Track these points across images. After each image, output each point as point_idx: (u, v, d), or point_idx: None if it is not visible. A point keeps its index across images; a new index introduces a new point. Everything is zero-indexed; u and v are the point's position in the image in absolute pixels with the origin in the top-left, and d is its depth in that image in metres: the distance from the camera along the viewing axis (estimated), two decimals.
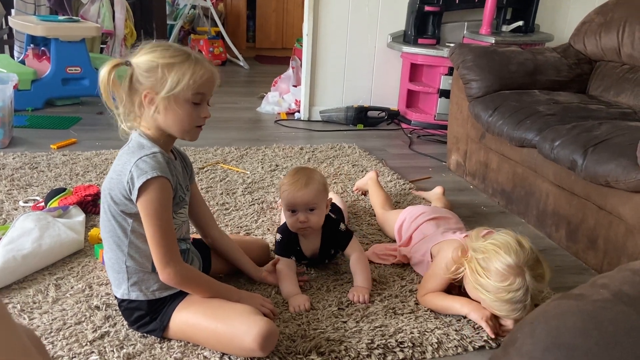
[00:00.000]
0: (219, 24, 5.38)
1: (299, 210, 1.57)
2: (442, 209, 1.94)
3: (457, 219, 1.87)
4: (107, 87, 1.24)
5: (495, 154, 2.33)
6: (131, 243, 1.29)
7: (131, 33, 4.23)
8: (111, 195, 1.27)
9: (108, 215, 1.30)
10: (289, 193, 1.57)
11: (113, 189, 1.27)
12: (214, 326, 1.28)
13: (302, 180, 1.57)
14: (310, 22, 3.31)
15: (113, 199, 1.27)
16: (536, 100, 2.28)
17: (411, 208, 1.90)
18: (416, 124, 3.40)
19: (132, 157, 1.25)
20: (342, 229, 1.66)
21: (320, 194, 1.58)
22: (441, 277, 1.50)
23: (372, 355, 1.32)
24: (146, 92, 1.25)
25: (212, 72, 1.29)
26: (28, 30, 3.41)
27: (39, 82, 3.31)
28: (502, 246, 1.36)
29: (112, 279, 1.35)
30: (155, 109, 1.26)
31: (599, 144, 1.78)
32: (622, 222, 1.71)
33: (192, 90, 1.25)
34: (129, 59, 1.26)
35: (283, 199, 1.60)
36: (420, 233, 1.74)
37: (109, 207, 1.29)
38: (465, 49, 2.54)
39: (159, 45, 1.27)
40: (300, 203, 1.56)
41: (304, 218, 1.57)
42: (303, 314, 1.47)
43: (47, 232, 1.65)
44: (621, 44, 2.44)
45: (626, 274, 0.69)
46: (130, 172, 1.23)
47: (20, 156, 2.48)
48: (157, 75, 1.23)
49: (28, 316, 1.40)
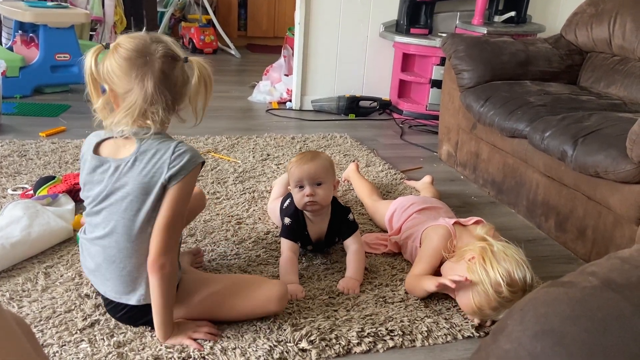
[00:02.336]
0: (210, 11, 5.33)
1: (306, 184, 1.59)
2: (432, 199, 1.96)
3: (446, 208, 1.88)
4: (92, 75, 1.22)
5: (486, 144, 2.34)
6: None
7: (121, 20, 4.18)
8: (149, 194, 1.20)
9: (142, 218, 1.22)
10: (295, 167, 1.61)
11: (150, 185, 1.20)
12: (233, 301, 1.34)
13: (308, 156, 1.63)
14: (303, 10, 3.29)
15: (153, 196, 1.20)
16: (527, 90, 2.28)
17: (402, 199, 1.91)
18: (408, 114, 3.40)
19: (166, 145, 1.22)
20: (350, 218, 1.68)
21: (326, 169, 1.62)
22: (427, 261, 1.55)
23: (363, 344, 1.33)
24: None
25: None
26: (16, 16, 3.36)
27: (27, 69, 3.26)
28: (523, 262, 1.40)
29: (122, 288, 1.27)
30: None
31: (588, 134, 1.79)
32: (610, 212, 1.72)
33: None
34: (109, 42, 1.25)
35: (291, 176, 1.63)
36: (411, 223, 1.75)
37: (144, 208, 1.21)
38: (457, 39, 2.54)
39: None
40: (307, 176, 1.58)
41: (311, 191, 1.58)
42: (294, 302, 1.47)
43: (36, 220, 1.64)
44: (612, 35, 2.44)
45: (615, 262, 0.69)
46: (173, 156, 1.19)
47: (9, 144, 2.45)
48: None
49: (17, 304, 1.39)
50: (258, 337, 1.33)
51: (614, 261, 0.70)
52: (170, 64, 1.20)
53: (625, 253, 0.72)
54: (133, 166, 1.21)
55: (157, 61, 1.18)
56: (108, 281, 1.28)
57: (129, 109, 1.19)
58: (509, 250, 1.41)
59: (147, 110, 1.20)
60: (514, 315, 0.67)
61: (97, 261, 1.28)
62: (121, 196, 1.22)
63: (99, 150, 1.26)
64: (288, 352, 1.29)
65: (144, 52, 1.19)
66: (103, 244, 1.26)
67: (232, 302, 1.35)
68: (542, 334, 0.60)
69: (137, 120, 1.20)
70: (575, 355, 0.57)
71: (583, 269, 0.71)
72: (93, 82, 1.22)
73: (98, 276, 1.30)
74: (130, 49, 1.18)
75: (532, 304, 0.66)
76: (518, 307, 0.68)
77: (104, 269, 1.27)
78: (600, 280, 0.66)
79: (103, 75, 1.20)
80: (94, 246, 1.28)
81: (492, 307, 1.37)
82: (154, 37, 1.22)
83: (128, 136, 1.22)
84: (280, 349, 1.29)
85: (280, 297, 1.36)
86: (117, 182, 1.22)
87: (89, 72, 1.21)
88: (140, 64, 1.18)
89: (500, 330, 0.67)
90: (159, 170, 1.20)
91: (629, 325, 0.59)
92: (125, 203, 1.22)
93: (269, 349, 1.29)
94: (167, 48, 1.21)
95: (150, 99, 1.18)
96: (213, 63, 1.36)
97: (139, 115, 1.20)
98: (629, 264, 0.69)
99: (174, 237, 1.24)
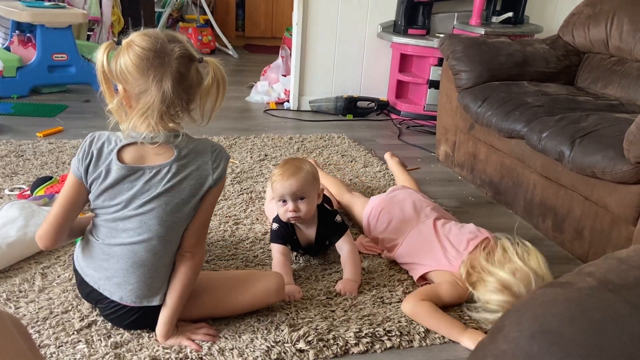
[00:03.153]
0: (207, 12, 5.33)
1: (289, 200, 1.57)
2: (399, 195, 1.87)
3: (414, 201, 1.82)
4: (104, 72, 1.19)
5: (484, 144, 2.34)
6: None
7: (118, 20, 4.18)
8: (196, 196, 1.24)
9: (184, 220, 1.25)
10: (277, 182, 1.58)
11: (197, 188, 1.23)
12: (233, 297, 1.37)
13: (290, 170, 1.57)
14: (300, 11, 3.29)
15: (198, 198, 1.24)
16: (525, 91, 2.29)
17: (372, 202, 1.87)
18: (405, 115, 3.40)
19: (203, 146, 1.26)
20: (337, 220, 1.66)
21: (309, 183, 1.58)
22: (448, 298, 1.50)
23: (360, 344, 1.33)
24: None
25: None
26: (13, 16, 3.35)
27: (24, 69, 3.26)
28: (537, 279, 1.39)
29: (146, 291, 1.25)
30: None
31: (586, 135, 1.79)
32: (607, 212, 1.72)
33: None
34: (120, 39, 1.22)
35: (273, 190, 1.60)
36: (389, 234, 1.74)
37: (187, 211, 1.24)
38: (455, 40, 2.54)
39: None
40: (289, 192, 1.56)
41: (294, 207, 1.57)
42: (292, 302, 1.47)
43: (33, 220, 1.63)
44: (609, 36, 2.45)
45: (612, 262, 0.69)
46: (214, 157, 1.25)
47: (6, 144, 2.45)
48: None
49: (14, 305, 1.39)
50: (255, 337, 1.32)
51: (611, 262, 0.70)
52: (186, 65, 1.19)
53: (622, 253, 0.72)
54: (177, 171, 1.21)
55: (174, 62, 1.16)
56: (130, 285, 1.24)
57: (146, 111, 1.17)
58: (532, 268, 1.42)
59: (165, 112, 1.18)
60: (511, 316, 0.67)
61: (120, 266, 1.23)
62: (165, 202, 1.21)
63: (121, 157, 1.22)
64: (285, 352, 1.29)
65: (161, 51, 1.16)
66: (134, 248, 1.23)
67: (232, 298, 1.37)
68: (539, 335, 0.60)
69: (159, 123, 1.18)
70: (572, 356, 0.57)
71: (580, 270, 0.71)
72: (106, 80, 1.19)
73: (115, 281, 1.25)
74: (147, 47, 1.15)
75: (529, 304, 0.66)
76: (515, 308, 0.68)
77: (129, 273, 1.23)
78: (597, 280, 0.66)
79: (116, 73, 1.17)
80: (118, 251, 1.24)
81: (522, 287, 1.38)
82: (169, 36, 1.20)
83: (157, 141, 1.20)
84: (278, 350, 1.29)
85: (279, 289, 1.40)
86: (157, 189, 1.20)
87: (100, 69, 1.18)
88: (158, 65, 1.15)
89: (498, 330, 0.67)
90: (204, 174, 1.23)
91: (625, 326, 0.59)
92: (169, 207, 1.22)
93: (266, 350, 1.29)
94: (184, 48, 1.19)
95: (168, 101, 1.17)
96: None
97: (159, 118, 1.18)
98: (626, 265, 0.69)
99: (206, 233, 1.34)
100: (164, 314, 1.27)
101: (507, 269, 1.41)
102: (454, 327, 1.40)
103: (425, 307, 1.43)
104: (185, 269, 1.26)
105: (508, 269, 1.42)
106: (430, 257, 1.59)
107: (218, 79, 1.24)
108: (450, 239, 1.61)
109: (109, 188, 1.22)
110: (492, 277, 1.42)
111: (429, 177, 2.49)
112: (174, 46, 1.18)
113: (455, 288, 1.49)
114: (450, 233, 1.64)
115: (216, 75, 1.24)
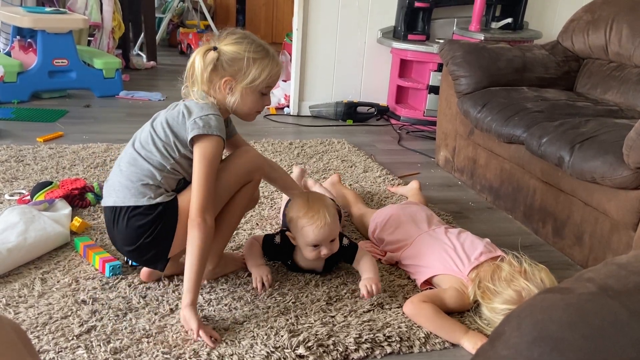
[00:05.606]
0: (208, 17, 5.35)
1: (323, 245, 1.53)
2: (412, 207, 1.89)
3: (428, 213, 1.83)
4: (198, 70, 1.39)
5: (484, 150, 2.35)
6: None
7: (119, 25, 4.19)
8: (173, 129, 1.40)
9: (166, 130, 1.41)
10: (314, 233, 1.50)
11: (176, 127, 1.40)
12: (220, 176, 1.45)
13: (322, 215, 1.50)
14: (300, 16, 3.30)
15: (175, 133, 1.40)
16: (524, 97, 2.29)
17: (380, 214, 1.87)
18: (405, 120, 3.41)
19: (202, 111, 1.39)
20: (345, 244, 1.62)
21: (337, 222, 1.56)
22: (453, 305, 1.49)
23: (360, 350, 1.33)
24: (227, 79, 1.41)
25: (281, 67, 1.48)
26: (14, 21, 3.36)
27: (25, 74, 3.26)
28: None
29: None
30: (230, 93, 1.43)
31: (585, 140, 1.80)
32: (607, 218, 1.72)
33: (266, 84, 1.44)
34: (215, 45, 1.41)
35: (303, 235, 1.52)
36: (394, 244, 1.73)
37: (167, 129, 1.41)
38: (454, 46, 2.55)
39: (245, 37, 1.43)
40: (324, 240, 1.51)
41: (328, 251, 1.53)
42: (291, 309, 1.47)
43: (33, 225, 1.63)
44: (608, 42, 2.46)
45: (612, 268, 0.69)
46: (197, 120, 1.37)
47: (6, 149, 2.45)
48: (241, 66, 1.40)
49: (14, 310, 1.39)
50: (255, 343, 1.32)
51: (610, 267, 0.70)
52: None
53: (622, 259, 0.72)
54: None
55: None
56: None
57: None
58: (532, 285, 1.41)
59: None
60: (511, 322, 0.67)
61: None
62: None
63: None
64: (285, 358, 1.28)
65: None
66: None
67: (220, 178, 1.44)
68: (539, 340, 0.60)
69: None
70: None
71: (580, 275, 0.71)
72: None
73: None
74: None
75: (529, 310, 0.66)
76: (515, 314, 0.68)
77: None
78: (597, 286, 0.66)
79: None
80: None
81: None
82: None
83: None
84: (278, 355, 1.29)
85: (258, 155, 1.54)
86: None
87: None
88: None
89: (498, 336, 0.67)
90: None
91: (625, 331, 0.59)
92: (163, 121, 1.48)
93: (266, 355, 1.28)
94: None
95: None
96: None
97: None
98: (626, 270, 0.69)
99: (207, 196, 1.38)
100: (185, 281, 1.36)
101: (512, 289, 1.39)
102: (456, 329, 1.40)
103: (427, 308, 1.43)
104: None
105: (513, 288, 1.39)
106: (439, 260, 1.58)
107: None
108: (464, 247, 1.60)
109: None
110: (497, 297, 1.41)
111: (429, 182, 2.49)
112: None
113: (461, 295, 1.49)
114: (465, 241, 1.62)
115: None
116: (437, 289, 1.55)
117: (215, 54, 1.40)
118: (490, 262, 1.52)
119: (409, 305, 1.46)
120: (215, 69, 1.41)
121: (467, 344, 1.37)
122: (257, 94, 1.45)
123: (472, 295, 1.47)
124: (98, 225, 1.84)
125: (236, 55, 1.40)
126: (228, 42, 1.41)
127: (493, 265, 1.49)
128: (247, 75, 1.41)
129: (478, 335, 1.39)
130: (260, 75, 1.41)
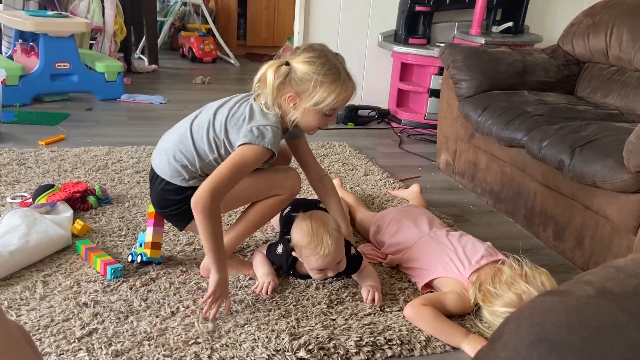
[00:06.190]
0: (209, 21, 5.36)
1: (329, 269, 1.53)
2: (413, 210, 1.89)
3: (428, 217, 1.82)
4: (268, 83, 1.42)
5: (484, 153, 2.35)
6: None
7: (121, 29, 4.20)
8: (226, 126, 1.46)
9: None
10: (318, 262, 1.50)
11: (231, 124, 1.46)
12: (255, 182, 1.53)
13: (325, 244, 1.47)
14: (302, 20, 3.31)
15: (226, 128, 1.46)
16: (525, 100, 2.30)
17: (381, 215, 1.87)
18: (406, 123, 3.41)
19: (262, 120, 1.44)
20: (352, 254, 1.60)
21: (342, 245, 1.54)
22: (453, 308, 1.49)
23: (361, 353, 1.33)
24: (292, 95, 1.44)
25: (352, 91, 1.47)
26: (16, 25, 3.38)
27: (27, 77, 3.28)
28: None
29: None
30: (294, 108, 1.45)
31: (586, 144, 1.80)
32: (608, 221, 1.73)
33: (330, 107, 1.44)
34: (288, 60, 1.43)
35: (309, 262, 1.52)
36: (395, 245, 1.74)
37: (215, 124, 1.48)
38: (455, 49, 2.56)
39: (319, 58, 1.42)
40: (330, 265, 1.51)
41: (334, 273, 1.54)
42: (292, 312, 1.47)
43: (34, 228, 1.64)
44: (609, 46, 2.46)
45: (610, 271, 0.70)
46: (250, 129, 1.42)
47: (8, 152, 2.46)
48: (308, 87, 1.42)
49: (15, 313, 1.39)
50: (256, 345, 1.33)
51: (609, 270, 0.70)
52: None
53: (620, 262, 0.72)
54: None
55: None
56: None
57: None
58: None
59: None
60: (510, 324, 0.67)
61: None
62: None
63: None
64: None
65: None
66: None
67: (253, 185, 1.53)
68: (538, 342, 0.61)
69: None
70: None
71: (579, 278, 0.71)
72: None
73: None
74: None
75: (528, 312, 0.66)
76: (514, 316, 0.68)
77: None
78: (595, 289, 0.66)
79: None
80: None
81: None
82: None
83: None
84: (279, 358, 1.29)
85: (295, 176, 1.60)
86: None
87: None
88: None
89: (498, 338, 0.67)
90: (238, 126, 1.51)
91: (623, 334, 0.59)
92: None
93: (267, 358, 1.29)
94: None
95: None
96: (212, 72, 1.39)
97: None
98: (624, 273, 0.69)
99: (222, 183, 1.41)
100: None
101: (512, 292, 1.39)
102: (456, 332, 1.40)
103: (428, 312, 1.43)
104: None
105: (514, 291, 1.39)
106: (440, 263, 1.58)
107: None
108: (465, 250, 1.59)
109: None
110: (497, 300, 1.41)
111: (430, 185, 2.50)
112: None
113: (461, 299, 1.49)
114: (466, 245, 1.62)
115: None
116: (438, 292, 1.55)
117: (287, 69, 1.42)
118: (491, 265, 1.52)
119: (409, 309, 1.46)
120: (284, 83, 1.43)
121: (468, 348, 1.37)
122: (320, 114, 1.46)
123: (473, 299, 1.47)
124: (99, 228, 1.84)
125: (305, 76, 1.41)
126: (301, 60, 1.42)
127: (494, 268, 1.49)
128: (312, 97, 1.42)
129: (478, 339, 1.39)
130: (326, 100, 1.42)
